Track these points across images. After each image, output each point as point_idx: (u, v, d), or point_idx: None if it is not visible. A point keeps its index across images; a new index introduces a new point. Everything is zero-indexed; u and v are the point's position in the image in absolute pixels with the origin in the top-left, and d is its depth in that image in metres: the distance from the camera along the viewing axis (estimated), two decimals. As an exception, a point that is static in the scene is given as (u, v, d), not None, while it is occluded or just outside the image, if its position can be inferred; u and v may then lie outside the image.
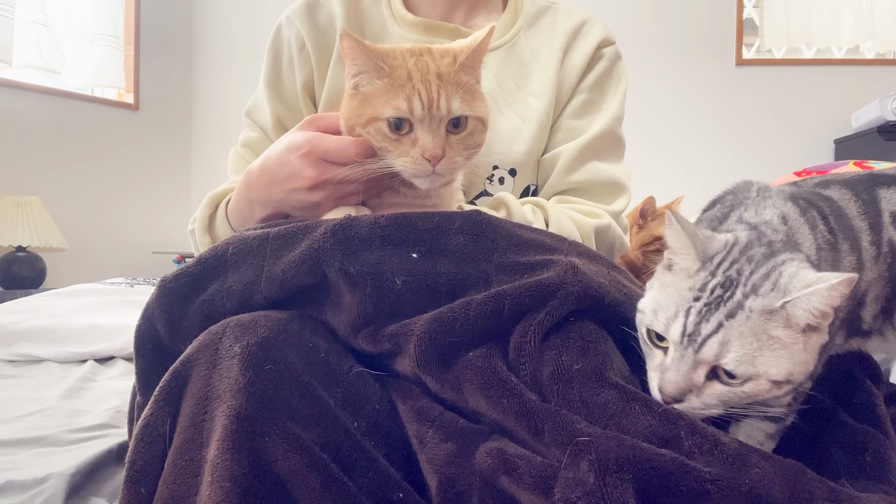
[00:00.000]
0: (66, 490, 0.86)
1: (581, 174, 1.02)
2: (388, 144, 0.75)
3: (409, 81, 0.74)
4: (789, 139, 3.40)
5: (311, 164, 0.79)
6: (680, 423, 0.54)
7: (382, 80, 0.75)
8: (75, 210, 3.21)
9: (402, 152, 0.75)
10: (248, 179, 0.88)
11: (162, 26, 3.71)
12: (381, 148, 0.76)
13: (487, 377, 0.58)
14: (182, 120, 3.87)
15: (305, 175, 0.79)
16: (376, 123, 0.75)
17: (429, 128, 0.74)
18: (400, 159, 0.75)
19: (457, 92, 0.75)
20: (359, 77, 0.77)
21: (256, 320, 0.62)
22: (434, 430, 0.59)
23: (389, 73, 0.75)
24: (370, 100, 0.76)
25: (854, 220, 0.72)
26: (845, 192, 0.74)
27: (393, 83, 0.74)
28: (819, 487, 0.52)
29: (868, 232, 0.72)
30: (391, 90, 0.74)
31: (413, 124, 0.74)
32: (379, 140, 0.76)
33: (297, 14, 1.05)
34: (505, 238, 0.68)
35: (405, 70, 0.75)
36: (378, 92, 0.75)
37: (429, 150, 0.73)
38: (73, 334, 1.75)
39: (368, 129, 0.76)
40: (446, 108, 0.74)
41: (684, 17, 3.52)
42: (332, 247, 0.65)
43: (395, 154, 0.75)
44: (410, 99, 0.73)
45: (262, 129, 1.07)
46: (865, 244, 0.71)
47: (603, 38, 1.09)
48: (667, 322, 0.59)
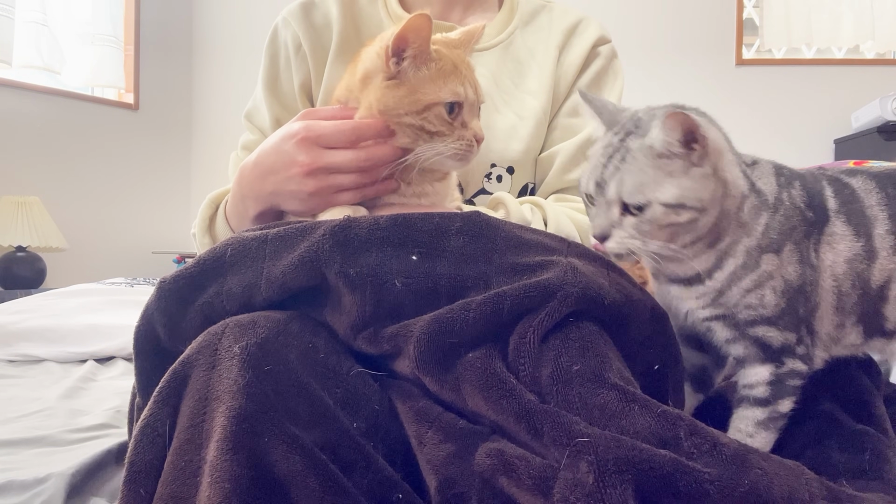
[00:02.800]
0: (66, 490, 0.86)
1: (578, 173, 1.02)
2: (444, 128, 0.78)
3: (456, 70, 0.80)
4: (789, 139, 3.40)
5: (305, 149, 0.79)
6: (679, 424, 0.54)
7: (430, 68, 0.79)
8: (75, 210, 3.21)
9: (459, 135, 0.79)
10: (242, 174, 0.87)
11: (162, 26, 3.71)
12: (436, 133, 0.78)
13: (487, 378, 0.58)
14: (182, 120, 3.87)
15: (299, 161, 0.79)
16: (436, 108, 0.78)
17: (473, 112, 0.81)
18: (454, 143, 0.79)
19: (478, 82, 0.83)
20: (406, 62, 0.78)
21: (256, 321, 0.62)
22: (433, 430, 0.59)
23: (438, 59, 0.79)
24: (422, 86, 0.78)
25: (870, 209, 0.73)
26: (870, 182, 0.75)
27: (442, 70, 0.79)
28: (818, 488, 0.52)
29: (886, 222, 0.72)
30: (442, 77, 0.79)
31: (463, 109, 0.79)
32: (437, 125, 0.78)
33: (294, 15, 1.05)
34: (504, 239, 0.68)
35: (450, 59, 0.80)
36: (430, 78, 0.78)
37: (479, 133, 0.81)
38: (72, 334, 1.75)
39: (426, 115, 0.78)
40: (482, 94, 0.83)
41: (684, 17, 3.52)
42: (331, 248, 0.65)
43: (452, 137, 0.78)
44: (465, 84, 0.79)
45: (262, 131, 1.06)
46: (881, 231, 0.71)
47: (599, 36, 1.09)
48: (587, 180, 0.69)
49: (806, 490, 0.51)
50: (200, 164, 3.89)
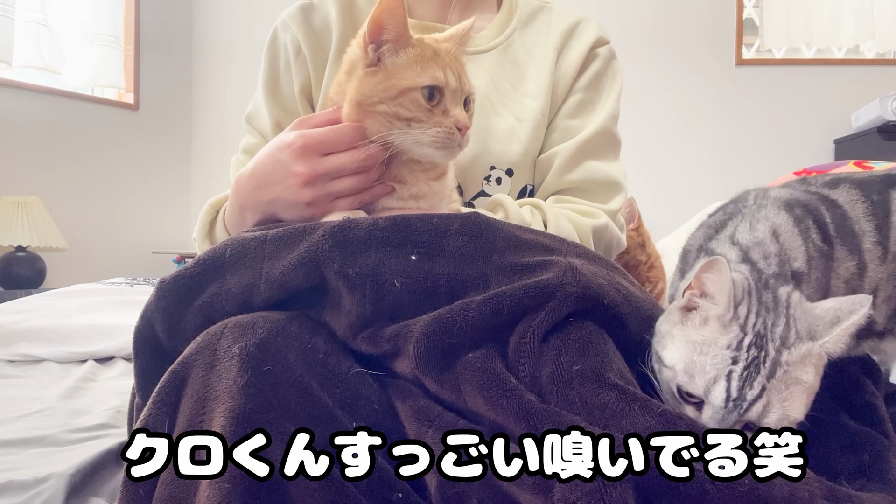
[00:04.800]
0: (66, 490, 0.86)
1: (577, 174, 1.02)
2: (421, 114, 0.75)
3: (436, 56, 0.77)
4: (789, 139, 3.40)
5: (302, 158, 0.78)
6: (679, 425, 0.54)
7: (408, 53, 0.76)
8: (75, 210, 3.21)
9: (437, 122, 0.76)
10: (238, 185, 0.86)
11: (162, 26, 3.71)
12: (411, 119, 0.75)
13: (487, 378, 0.58)
14: (182, 120, 3.87)
15: (297, 171, 0.78)
16: (411, 93, 0.75)
17: (456, 101, 0.77)
18: (431, 130, 0.75)
19: (465, 72, 0.80)
20: (384, 48, 0.76)
21: (255, 321, 0.62)
22: (434, 429, 0.59)
23: (417, 45, 0.77)
24: (399, 72, 0.76)
25: (857, 224, 0.73)
26: (854, 192, 0.75)
27: (422, 56, 0.76)
28: (818, 488, 0.52)
29: (873, 233, 0.72)
30: (421, 62, 0.76)
31: (444, 96, 0.76)
32: (413, 111, 0.75)
33: (293, 18, 1.05)
34: (504, 239, 0.68)
35: (430, 46, 0.77)
36: (408, 63, 0.76)
37: (461, 121, 0.76)
38: (73, 334, 1.75)
39: (401, 101, 0.75)
40: (468, 84, 0.79)
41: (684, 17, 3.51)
42: (330, 249, 0.65)
43: (428, 124, 0.75)
44: (445, 70, 0.76)
45: (262, 134, 1.06)
46: (868, 246, 0.72)
47: (597, 37, 1.09)
48: (706, 386, 0.59)
49: (806, 490, 0.51)
50: (200, 164, 3.88)
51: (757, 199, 0.74)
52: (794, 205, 0.73)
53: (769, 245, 0.68)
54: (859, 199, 0.74)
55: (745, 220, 0.71)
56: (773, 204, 0.72)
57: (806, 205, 0.73)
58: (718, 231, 0.73)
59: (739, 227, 0.71)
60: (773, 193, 0.75)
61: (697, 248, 0.75)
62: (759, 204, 0.73)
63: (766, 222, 0.70)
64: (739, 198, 0.77)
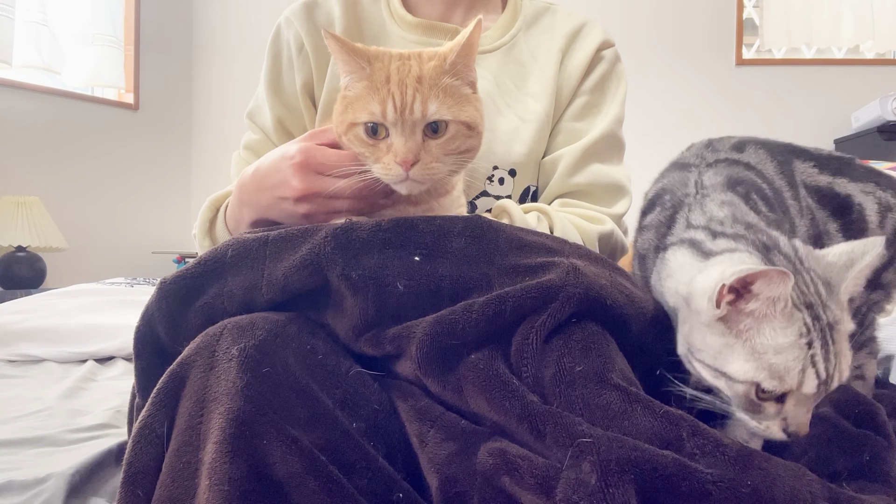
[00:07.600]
0: (66, 490, 0.86)
1: (583, 176, 1.02)
2: (365, 150, 0.73)
3: (385, 84, 0.71)
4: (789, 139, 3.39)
5: (300, 174, 0.77)
6: (682, 425, 0.54)
7: (363, 84, 0.73)
8: (75, 210, 3.21)
9: (377, 158, 0.72)
10: (242, 181, 0.87)
11: (162, 26, 3.70)
12: (360, 154, 0.74)
13: (489, 379, 0.58)
14: (182, 120, 3.87)
15: (293, 185, 0.77)
16: (355, 129, 0.73)
17: (402, 132, 0.71)
18: (376, 165, 0.73)
19: (437, 96, 0.72)
20: (348, 79, 0.75)
21: (254, 322, 0.62)
22: (435, 429, 0.59)
23: (370, 75, 0.73)
24: (352, 104, 0.74)
25: (775, 182, 0.74)
26: (761, 152, 0.76)
27: (371, 86, 0.72)
28: (820, 489, 0.52)
29: (788, 190, 0.74)
30: (368, 94, 0.72)
31: (388, 129, 0.72)
32: (358, 146, 0.74)
33: (296, 15, 1.05)
34: (506, 241, 0.68)
35: (385, 73, 0.72)
36: (359, 96, 0.73)
37: (400, 155, 0.70)
38: (72, 334, 1.75)
39: (349, 136, 0.74)
40: (420, 112, 0.71)
41: (684, 17, 3.52)
42: (333, 251, 0.65)
43: (371, 160, 0.73)
44: (384, 102, 0.71)
45: (264, 130, 1.06)
46: (790, 201, 0.72)
47: (602, 40, 1.09)
48: (799, 379, 0.57)
49: (807, 491, 0.51)
50: (200, 164, 3.88)
51: (697, 185, 0.72)
52: (732, 181, 0.72)
53: (731, 222, 0.66)
54: (766, 158, 0.75)
55: (694, 209, 0.69)
56: (714, 188, 0.71)
57: (738, 179, 0.72)
58: (671, 227, 0.71)
59: (691, 216, 0.69)
60: (707, 181, 0.73)
61: (654, 248, 0.73)
62: (702, 193, 0.71)
63: (716, 204, 0.68)
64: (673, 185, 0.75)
